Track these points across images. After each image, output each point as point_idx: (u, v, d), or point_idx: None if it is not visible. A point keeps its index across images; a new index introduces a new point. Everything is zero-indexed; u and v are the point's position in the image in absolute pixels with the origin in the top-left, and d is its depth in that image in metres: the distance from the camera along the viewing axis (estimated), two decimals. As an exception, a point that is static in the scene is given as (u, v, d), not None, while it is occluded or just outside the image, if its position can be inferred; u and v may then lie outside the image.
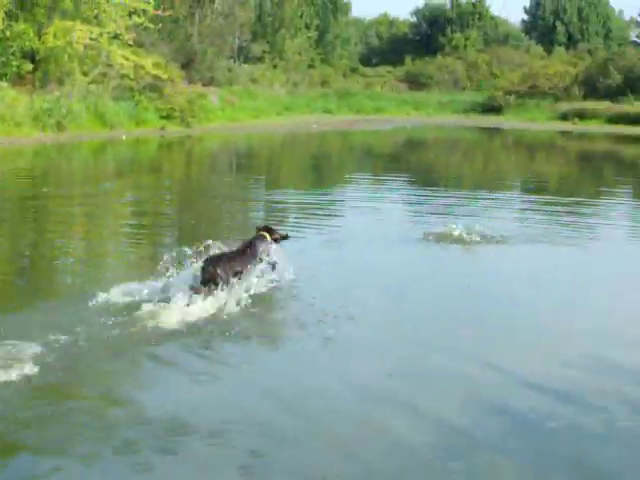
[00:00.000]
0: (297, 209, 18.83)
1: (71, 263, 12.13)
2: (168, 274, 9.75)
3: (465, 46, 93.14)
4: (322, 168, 31.42)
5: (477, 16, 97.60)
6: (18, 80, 38.85)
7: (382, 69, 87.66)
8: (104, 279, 10.62)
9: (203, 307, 9.13)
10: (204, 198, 20.91)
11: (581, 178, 30.01)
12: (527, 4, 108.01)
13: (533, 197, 23.13)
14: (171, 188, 22.77)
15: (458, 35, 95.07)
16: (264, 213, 18.69)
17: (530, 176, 29.67)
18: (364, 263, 12.53)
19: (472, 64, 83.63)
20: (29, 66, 39.50)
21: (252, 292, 9.68)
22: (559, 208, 19.54)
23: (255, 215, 18.25)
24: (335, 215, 18.25)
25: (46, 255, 12.55)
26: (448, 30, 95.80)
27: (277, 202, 20.22)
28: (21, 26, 38.63)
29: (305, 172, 29.71)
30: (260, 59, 74.66)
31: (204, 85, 52.58)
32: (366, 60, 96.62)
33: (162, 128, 42.45)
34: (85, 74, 40.87)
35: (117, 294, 9.36)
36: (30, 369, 7.10)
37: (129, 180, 24.11)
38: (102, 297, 9.20)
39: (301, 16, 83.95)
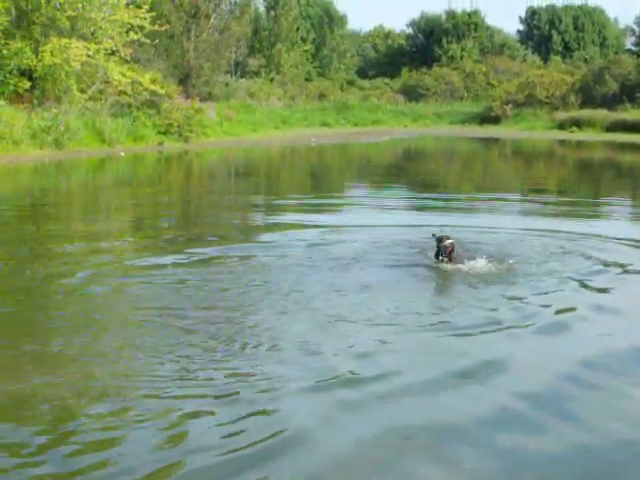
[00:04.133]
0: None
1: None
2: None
3: (461, 57, 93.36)
4: (323, 180, 31.45)
5: (473, 26, 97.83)
6: (16, 98, 38.84)
7: (379, 81, 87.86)
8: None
9: None
10: (209, 209, 20.95)
11: (590, 184, 29.80)
12: (523, 14, 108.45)
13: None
14: (175, 202, 22.79)
15: (454, 46, 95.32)
16: (262, 219, 18.80)
17: (535, 185, 29.48)
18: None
19: (469, 74, 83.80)
20: (26, 84, 39.51)
21: None
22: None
23: (255, 221, 18.32)
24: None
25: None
26: (444, 41, 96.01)
27: (277, 205, 20.36)
28: (18, 44, 38.72)
29: (307, 184, 29.73)
30: (257, 73, 74.94)
31: (201, 100, 52.62)
32: (363, 72, 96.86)
33: (160, 144, 42.50)
34: (83, 91, 40.93)
35: None
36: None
37: (132, 195, 24.07)
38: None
39: (297, 30, 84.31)
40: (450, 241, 12.19)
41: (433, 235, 12.59)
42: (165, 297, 10.12)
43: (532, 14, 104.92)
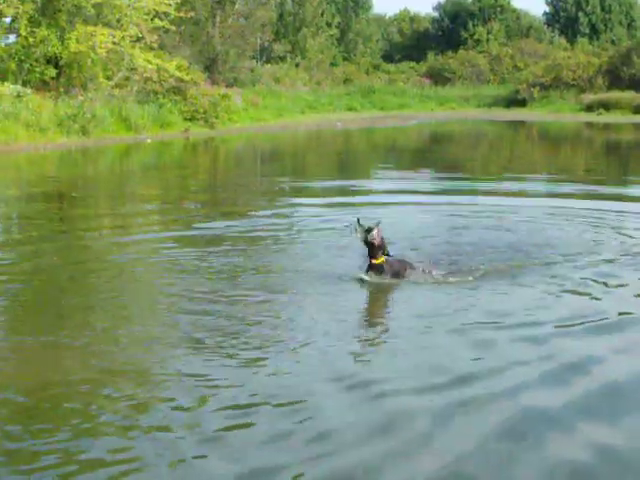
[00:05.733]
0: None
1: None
2: None
3: (488, 40, 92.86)
4: (349, 163, 31.36)
5: (499, 9, 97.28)
6: (42, 86, 38.99)
7: (405, 65, 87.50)
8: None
9: None
10: (237, 191, 20.97)
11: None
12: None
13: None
14: (204, 186, 22.84)
15: (480, 29, 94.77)
16: (288, 201, 18.76)
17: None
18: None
19: (495, 57, 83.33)
20: (53, 72, 39.64)
21: None
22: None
23: (281, 203, 18.28)
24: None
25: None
26: (470, 24, 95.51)
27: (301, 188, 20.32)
28: (44, 32, 38.80)
29: (333, 167, 29.66)
30: (282, 58, 74.77)
31: (227, 86, 52.60)
32: (388, 57, 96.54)
33: (186, 130, 42.53)
34: (108, 78, 41.03)
35: None
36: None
37: (161, 179, 24.15)
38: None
39: (322, 14, 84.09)
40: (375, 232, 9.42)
41: (358, 221, 9.74)
42: (198, 280, 10.10)
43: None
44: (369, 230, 9.26)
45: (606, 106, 60.17)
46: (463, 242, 12.34)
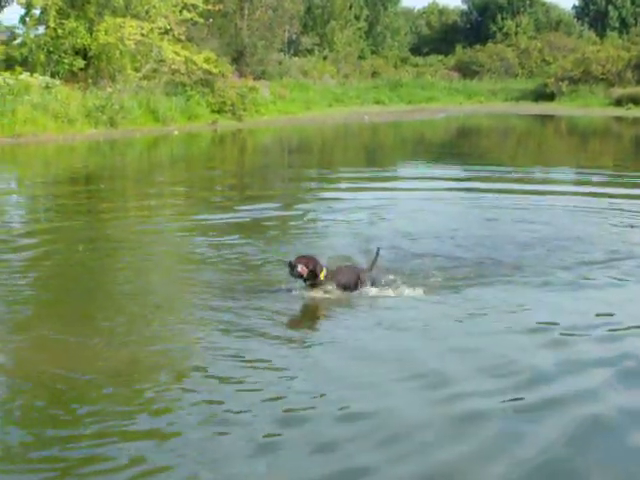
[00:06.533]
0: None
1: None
2: None
3: (516, 33, 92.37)
4: (376, 156, 31.29)
5: (528, 2, 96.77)
6: (70, 77, 39.11)
7: (433, 58, 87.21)
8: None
9: None
10: (266, 180, 21.02)
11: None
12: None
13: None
14: (234, 175, 22.93)
15: (509, 22, 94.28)
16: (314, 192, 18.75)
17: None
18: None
19: (524, 51, 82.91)
20: (81, 63, 39.76)
21: None
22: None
23: (307, 193, 18.27)
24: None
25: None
26: (499, 17, 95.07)
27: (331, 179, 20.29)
28: (72, 23, 38.96)
29: (360, 160, 29.62)
30: (310, 51, 74.62)
31: (255, 78, 52.60)
32: (416, 50, 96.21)
33: (214, 122, 42.53)
34: (137, 70, 41.11)
35: None
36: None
37: (189, 175, 24.16)
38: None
39: (350, 7, 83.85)
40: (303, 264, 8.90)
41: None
42: (219, 270, 10.11)
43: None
44: (292, 266, 8.91)
45: (635, 100, 59.69)
46: (492, 235, 12.25)
